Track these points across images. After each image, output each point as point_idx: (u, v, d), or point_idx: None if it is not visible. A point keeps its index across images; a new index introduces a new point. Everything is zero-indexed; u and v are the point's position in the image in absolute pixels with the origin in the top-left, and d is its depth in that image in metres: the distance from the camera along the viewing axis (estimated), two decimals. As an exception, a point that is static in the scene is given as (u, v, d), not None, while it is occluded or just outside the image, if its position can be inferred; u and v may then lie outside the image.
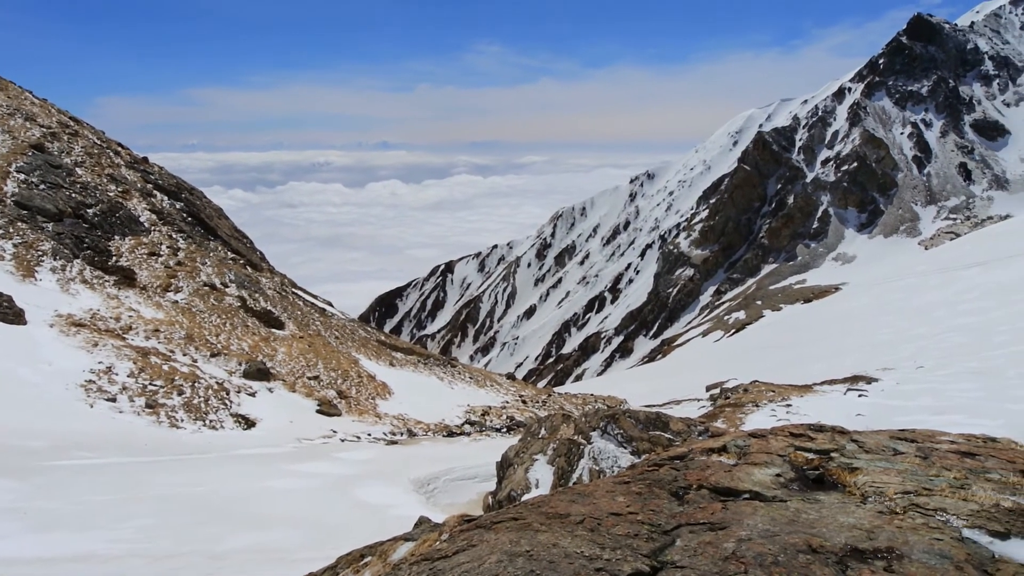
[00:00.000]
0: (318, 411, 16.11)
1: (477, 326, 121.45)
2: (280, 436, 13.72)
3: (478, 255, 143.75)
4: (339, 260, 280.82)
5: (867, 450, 3.32)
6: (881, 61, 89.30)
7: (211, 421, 13.60)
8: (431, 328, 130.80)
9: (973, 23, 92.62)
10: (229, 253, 26.61)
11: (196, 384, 14.68)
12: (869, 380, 16.42)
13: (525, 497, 7.14)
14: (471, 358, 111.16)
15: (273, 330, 21.05)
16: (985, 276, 33.80)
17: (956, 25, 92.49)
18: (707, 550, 2.47)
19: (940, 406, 11.49)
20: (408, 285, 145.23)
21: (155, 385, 13.99)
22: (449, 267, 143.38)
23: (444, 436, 16.13)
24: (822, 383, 17.38)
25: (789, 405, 14.35)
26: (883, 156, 78.81)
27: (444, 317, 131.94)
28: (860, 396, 14.24)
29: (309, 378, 18.05)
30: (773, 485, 3.00)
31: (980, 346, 17.82)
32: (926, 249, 64.01)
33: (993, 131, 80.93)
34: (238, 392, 15.28)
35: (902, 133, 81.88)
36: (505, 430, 17.20)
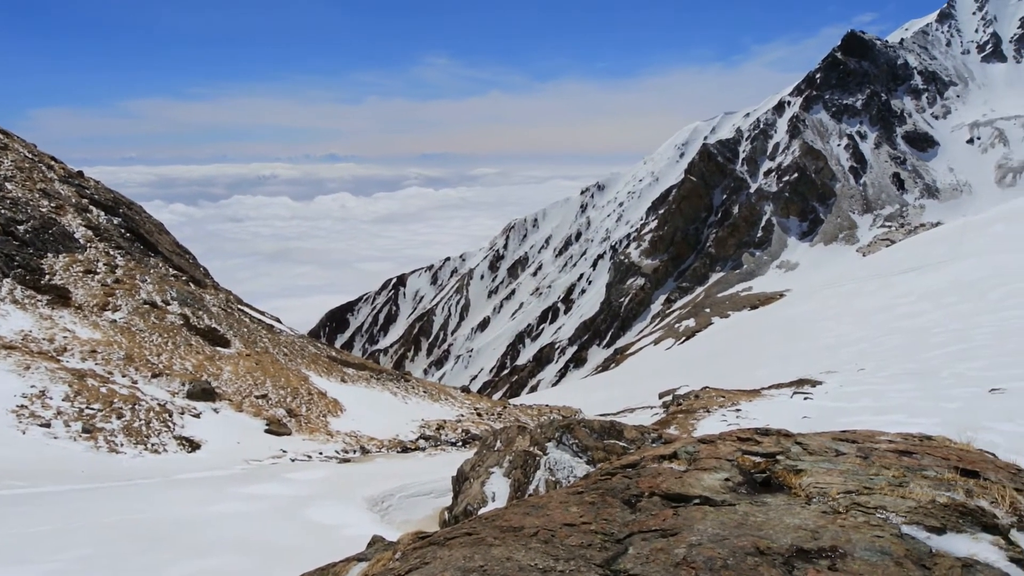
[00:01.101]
0: (267, 431, 15.68)
1: (431, 339, 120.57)
2: (227, 458, 13.29)
3: (431, 268, 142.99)
4: (287, 275, 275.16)
5: (811, 452, 3.41)
6: (818, 76, 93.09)
7: (153, 445, 13.09)
8: (384, 342, 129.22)
9: (903, 40, 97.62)
10: (171, 269, 25.78)
11: (136, 406, 14.12)
12: (814, 383, 16.95)
13: (482, 511, 7.09)
14: (425, 372, 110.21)
15: (218, 348, 20.44)
16: (919, 281, 35.39)
17: (887, 42, 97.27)
18: (659, 557, 2.49)
19: (880, 406, 11.93)
20: (359, 299, 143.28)
21: (92, 409, 13.39)
22: (401, 280, 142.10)
23: (399, 452, 15.90)
24: (769, 387, 17.86)
25: (739, 410, 14.69)
26: (822, 167, 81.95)
27: (397, 331, 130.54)
28: (805, 399, 14.69)
29: (257, 397, 17.57)
30: (722, 489, 3.05)
31: (916, 348, 18.62)
32: (864, 256, 66.66)
33: (923, 143, 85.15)
34: (182, 413, 14.76)
35: (839, 145, 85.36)
36: (461, 444, 17.08)
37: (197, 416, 14.99)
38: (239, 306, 27.68)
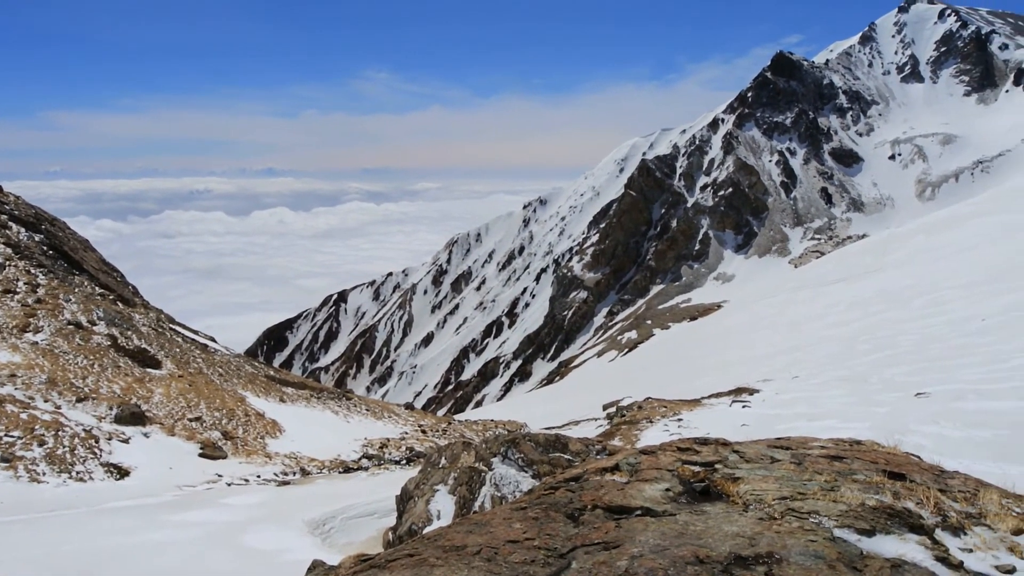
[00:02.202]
0: (201, 455, 15.06)
1: (373, 356, 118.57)
2: (158, 484, 12.69)
3: (373, 283, 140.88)
4: (222, 292, 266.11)
5: (747, 459, 3.49)
6: (749, 94, 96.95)
7: (78, 473, 12.37)
8: (324, 360, 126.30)
9: (828, 61, 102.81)
10: (97, 288, 24.59)
11: (60, 433, 13.34)
12: (751, 391, 17.44)
13: (427, 530, 6.98)
14: (368, 389, 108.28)
15: (149, 370, 19.57)
16: (848, 291, 37.03)
17: (814, 62, 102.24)
18: (601, 570, 2.49)
19: (814, 412, 12.36)
20: (299, 316, 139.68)
21: (11, 436, 12.57)
22: (342, 296, 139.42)
23: (340, 472, 15.52)
24: (710, 396, 18.27)
25: (680, 419, 14.96)
26: (755, 182, 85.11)
27: (338, 348, 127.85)
28: (744, 407, 15.09)
29: (190, 420, 16.87)
30: (663, 500, 3.08)
31: (846, 355, 19.42)
32: (796, 267, 69.38)
33: (849, 159, 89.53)
34: (109, 439, 14.02)
35: (770, 161, 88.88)
36: (405, 462, 16.81)
37: (126, 441, 14.28)
38: (171, 325, 26.61)
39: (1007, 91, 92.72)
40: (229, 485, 13.30)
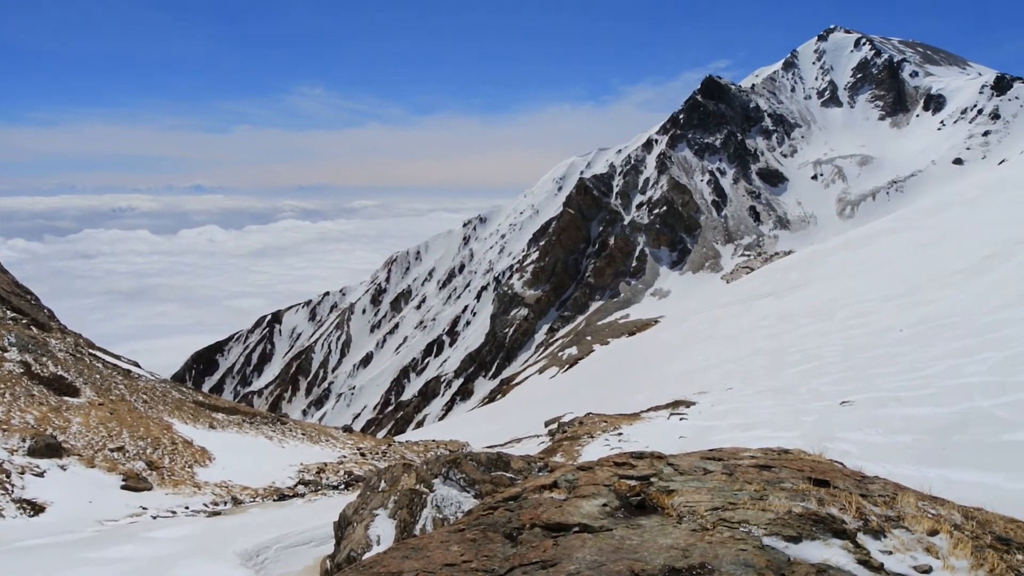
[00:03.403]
0: (124, 487, 14.26)
1: (310, 378, 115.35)
2: (76, 520, 11.93)
3: (308, 303, 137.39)
4: (147, 315, 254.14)
5: (681, 472, 3.55)
6: (681, 116, 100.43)
7: (-15, 511, 11.51)
8: (258, 383, 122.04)
9: (754, 85, 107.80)
10: (8, 312, 23.13)
11: (-36, 469, 12.40)
12: (688, 404, 17.85)
13: (366, 556, 6.80)
14: (304, 413, 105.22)
15: (66, 398, 18.46)
16: (776, 305, 38.49)
17: (741, 86, 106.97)
18: (539, 590, 2.47)
19: (747, 423, 12.74)
20: (230, 338, 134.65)
21: (-94, 475, 11.60)
22: (276, 317, 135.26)
23: (275, 500, 14.97)
24: (649, 410, 18.60)
25: (621, 434, 15.15)
26: (687, 200, 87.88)
27: (272, 371, 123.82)
28: (681, 419, 15.42)
29: (112, 450, 15.98)
30: (600, 515, 3.09)
31: (777, 367, 20.14)
32: (728, 283, 71.72)
33: (775, 179, 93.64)
34: (22, 473, 13.12)
35: (702, 180, 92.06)
36: (343, 487, 16.38)
37: (40, 475, 13.39)
38: (90, 350, 25.25)
39: (918, 115, 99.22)
40: (155, 518, 12.63)
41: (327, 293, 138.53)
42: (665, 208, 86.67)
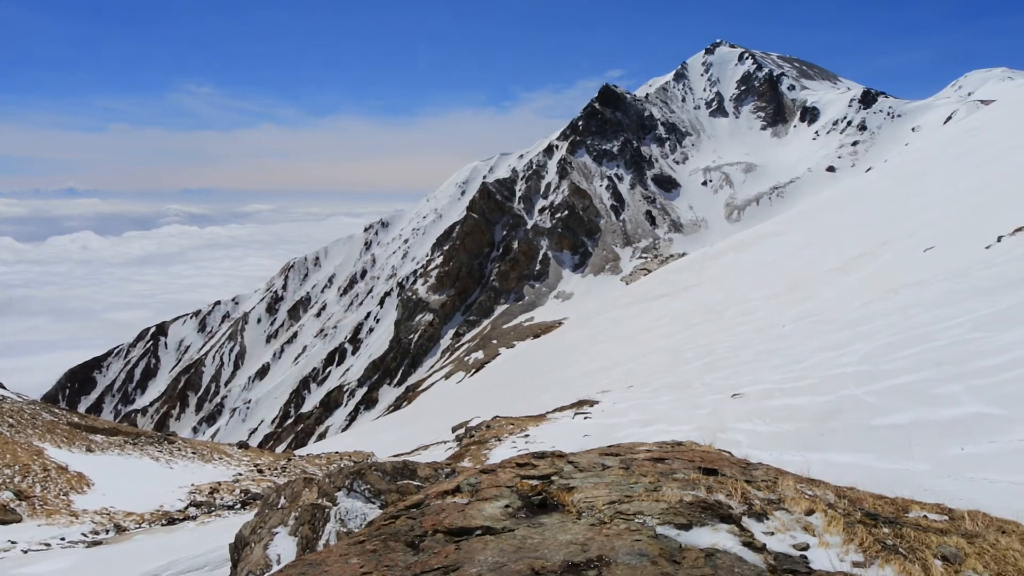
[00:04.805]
0: (-13, 520, 12.93)
1: (200, 393, 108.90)
2: (-71, 561, 10.69)
3: (197, 313, 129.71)
4: (12, 329, 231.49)
5: (581, 469, 3.62)
6: (580, 123, 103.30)
7: None
8: (142, 401, 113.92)
9: (648, 94, 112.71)
10: None
11: None
12: (592, 403, 18.30)
13: (264, 576, 6.49)
14: (195, 430, 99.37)
15: (-84, 426, 16.55)
16: (672, 304, 40.25)
17: (635, 95, 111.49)
18: (441, 596, 2.44)
19: (647, 419, 13.20)
20: (109, 353, 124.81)
21: None
22: (161, 329, 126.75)
23: (164, 525, 14.05)
24: (554, 411, 18.91)
25: (528, 435, 15.30)
26: (588, 205, 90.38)
27: (158, 387, 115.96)
28: (585, 418, 15.77)
29: (-27, 480, 14.46)
30: (502, 517, 3.10)
31: (673, 364, 21.02)
32: (627, 284, 74.31)
33: (668, 184, 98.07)
34: None
35: (601, 185, 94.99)
36: (240, 506, 15.60)
37: None
38: (-54, 371, 22.75)
39: (795, 126, 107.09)
40: (26, 552, 11.53)
41: (218, 302, 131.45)
42: (567, 212, 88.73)
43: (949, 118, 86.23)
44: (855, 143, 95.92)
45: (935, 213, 25.70)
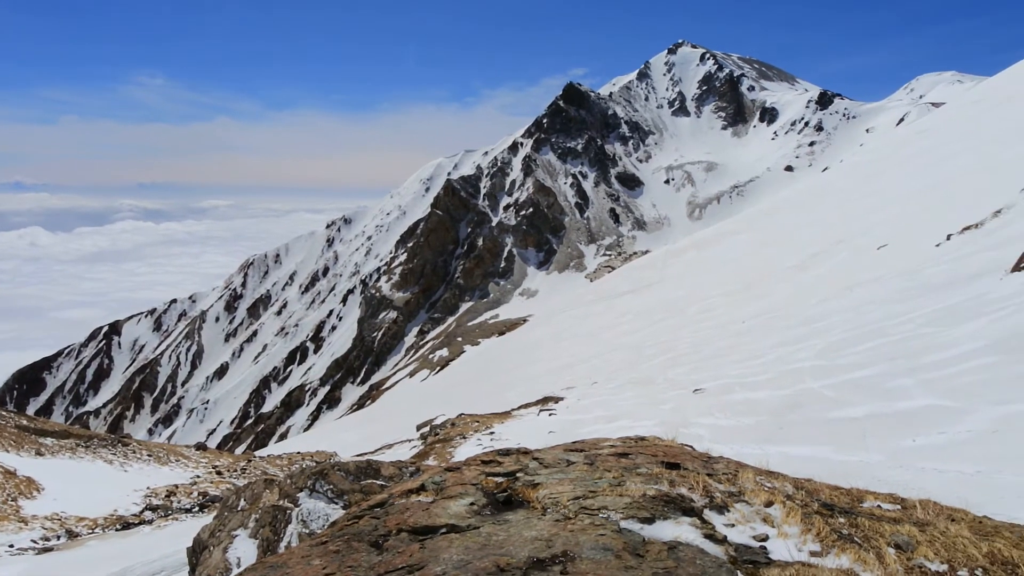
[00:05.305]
0: (-71, 528, 12.39)
1: (156, 394, 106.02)
2: None
3: (153, 312, 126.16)
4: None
5: (546, 465, 3.63)
6: (545, 121, 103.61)
7: None
8: (94, 403, 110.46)
9: (611, 93, 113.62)
10: None
11: None
12: (557, 400, 18.38)
13: (223, 580, 6.36)
14: (150, 432, 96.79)
15: None
16: (635, 301, 40.69)
17: (599, 94, 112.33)
18: (405, 595, 2.41)
19: (611, 415, 13.32)
20: (59, 354, 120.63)
21: None
22: (115, 328, 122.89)
23: (118, 529, 13.65)
24: (520, 408, 18.94)
25: (493, 432, 15.29)
26: (552, 202, 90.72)
27: (111, 388, 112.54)
28: (550, 415, 15.83)
29: (-87, 487, 13.83)
30: (467, 515, 3.08)
31: (636, 360, 21.26)
32: (591, 281, 74.86)
33: (632, 182, 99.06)
34: None
35: (565, 183, 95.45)
36: (198, 509, 15.25)
37: None
38: None
39: (755, 126, 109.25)
40: (-31, 561, 11.08)
41: (174, 300, 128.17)
42: (531, 210, 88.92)
43: (902, 120, 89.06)
44: (812, 143, 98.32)
45: (888, 212, 26.50)
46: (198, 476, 19.90)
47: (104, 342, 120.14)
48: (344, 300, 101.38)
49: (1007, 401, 5.99)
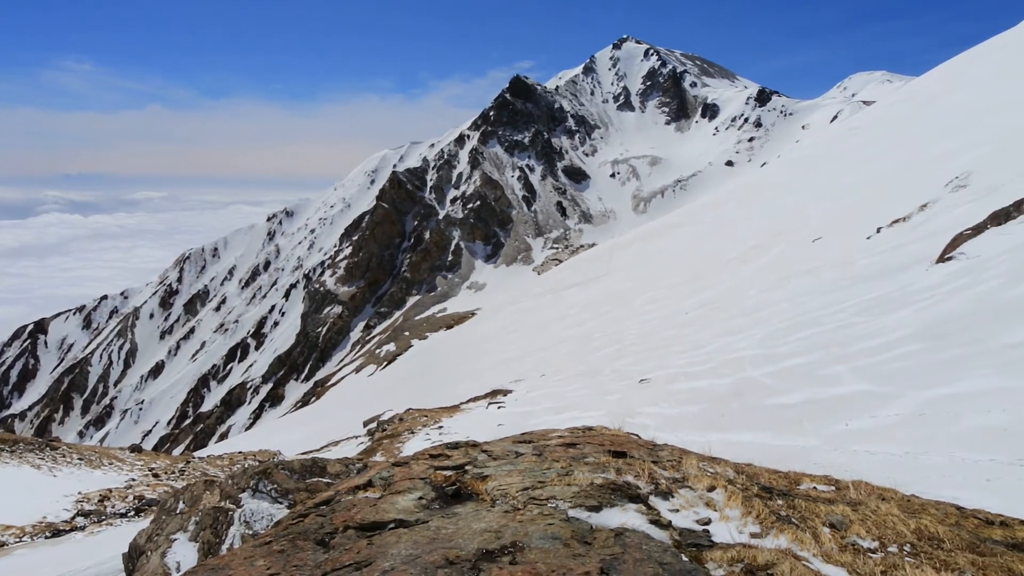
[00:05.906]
0: None
1: (86, 395, 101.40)
2: None
3: (82, 309, 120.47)
4: None
5: (495, 457, 3.63)
6: (491, 113, 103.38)
7: None
8: (19, 405, 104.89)
9: (558, 87, 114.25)
10: None
11: None
12: (505, 392, 18.44)
13: (161, 585, 6.15)
14: (81, 435, 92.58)
15: None
16: (582, 294, 41.15)
17: (546, 87, 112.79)
18: (353, 592, 2.38)
19: (559, 406, 13.44)
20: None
21: None
22: (40, 327, 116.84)
23: (48, 537, 13.02)
24: (468, 401, 18.93)
25: (442, 427, 15.23)
26: (500, 196, 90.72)
27: (38, 389, 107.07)
28: (499, 408, 15.87)
29: None
30: (416, 509, 3.06)
31: (583, 352, 21.52)
32: (539, 274, 75.31)
33: (578, 176, 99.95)
34: None
35: (513, 176, 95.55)
36: (134, 513, 14.69)
37: None
38: None
39: (697, 122, 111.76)
40: None
41: (105, 297, 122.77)
42: (479, 203, 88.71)
43: (835, 117, 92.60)
44: (751, 139, 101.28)
45: (823, 206, 27.53)
46: (133, 479, 19.16)
47: (29, 341, 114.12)
48: (287, 295, 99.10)
49: (932, 385, 6.31)
